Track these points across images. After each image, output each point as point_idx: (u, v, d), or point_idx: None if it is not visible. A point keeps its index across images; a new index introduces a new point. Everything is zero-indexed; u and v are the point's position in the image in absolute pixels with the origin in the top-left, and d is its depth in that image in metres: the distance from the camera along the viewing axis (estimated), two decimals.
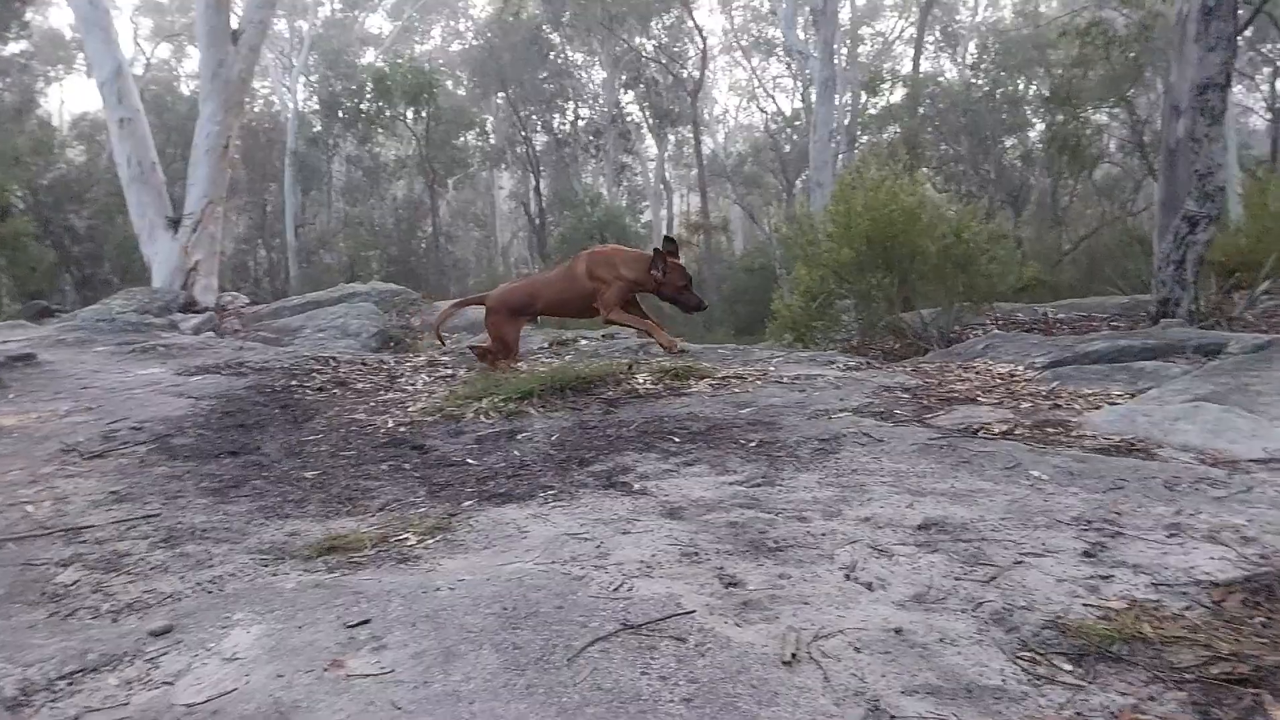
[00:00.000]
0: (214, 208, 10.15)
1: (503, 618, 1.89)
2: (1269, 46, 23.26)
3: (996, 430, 3.30)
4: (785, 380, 4.36)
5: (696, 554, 2.26)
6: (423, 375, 5.02)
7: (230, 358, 5.63)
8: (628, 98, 31.45)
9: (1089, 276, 16.75)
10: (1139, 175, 23.20)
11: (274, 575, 2.28)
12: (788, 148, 31.14)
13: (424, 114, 24.15)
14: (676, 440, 3.36)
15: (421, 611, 1.92)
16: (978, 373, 4.50)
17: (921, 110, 26.25)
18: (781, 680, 1.64)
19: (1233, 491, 2.54)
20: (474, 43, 32.45)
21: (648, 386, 4.13)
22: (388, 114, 24.73)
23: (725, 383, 4.24)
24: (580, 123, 31.54)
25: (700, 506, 2.63)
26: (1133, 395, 3.57)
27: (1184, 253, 5.61)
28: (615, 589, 2.05)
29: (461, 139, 29.38)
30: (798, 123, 30.22)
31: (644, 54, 28.78)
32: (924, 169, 25.63)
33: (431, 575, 2.17)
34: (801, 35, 21.43)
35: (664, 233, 31.96)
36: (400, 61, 25.27)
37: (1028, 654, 1.71)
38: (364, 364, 5.44)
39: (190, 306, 9.59)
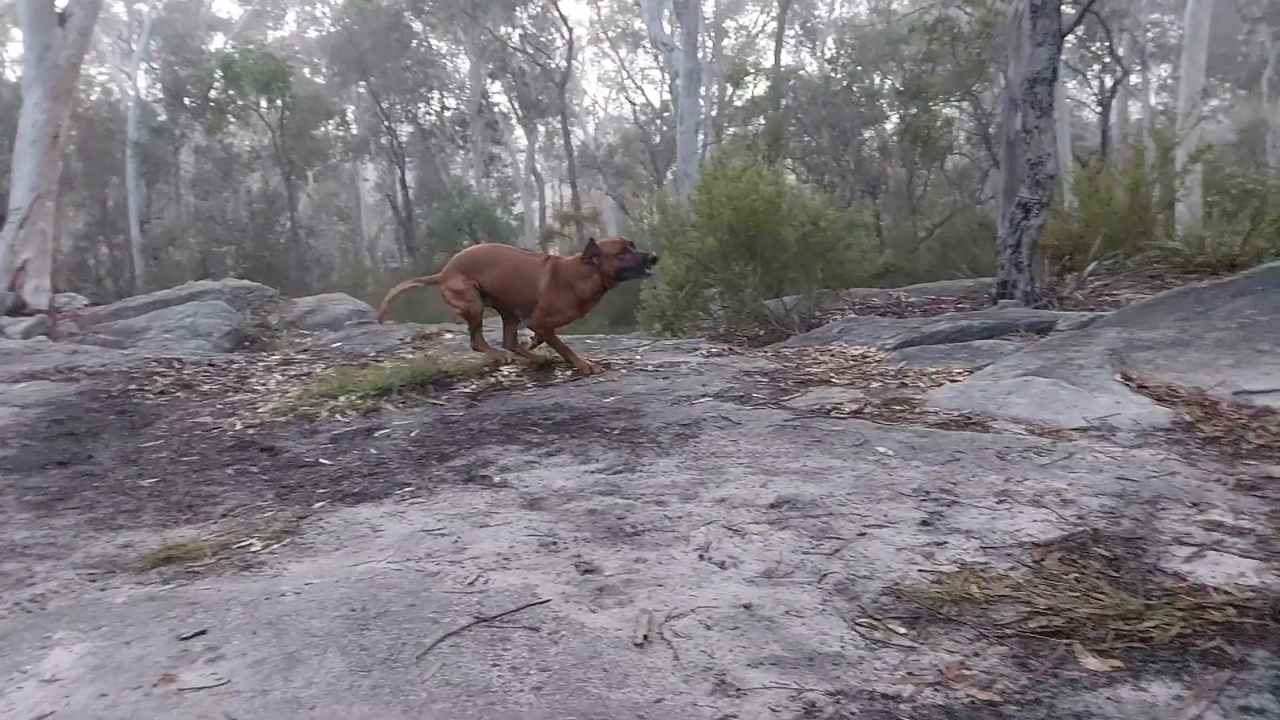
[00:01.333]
0: (43, 202, 9.39)
1: (350, 620, 1.83)
2: (1097, 45, 25.07)
3: (847, 410, 3.44)
4: (650, 368, 4.40)
5: (555, 543, 2.26)
6: (276, 375, 4.82)
7: (62, 362, 5.24)
8: (495, 88, 31.02)
9: (942, 262, 17.63)
10: (985, 165, 24.57)
11: (102, 590, 2.14)
12: (657, 139, 31.44)
13: (279, 103, 23.06)
14: (540, 431, 3.35)
15: (263, 619, 1.84)
16: (833, 355, 4.67)
17: (785, 103, 26.97)
18: (633, 662, 1.65)
19: (1056, 459, 2.72)
20: (332, 29, 31.22)
21: (512, 379, 4.08)
22: (239, 103, 23.47)
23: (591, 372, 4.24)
24: (446, 113, 30.88)
25: (561, 496, 2.63)
26: (971, 372, 3.78)
27: (1019, 237, 5.99)
28: (471, 583, 2.02)
29: (321, 129, 28.25)
30: (666, 114, 30.56)
31: (509, 44, 28.42)
32: (788, 160, 26.46)
33: (276, 581, 2.08)
34: (667, 28, 21.65)
35: (537, 224, 31.94)
36: (251, 48, 24.01)
37: (866, 620, 1.79)
38: (212, 365, 5.16)
39: (19, 309, 8.87)
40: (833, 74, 27.71)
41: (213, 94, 23.28)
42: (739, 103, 27.97)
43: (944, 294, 8.03)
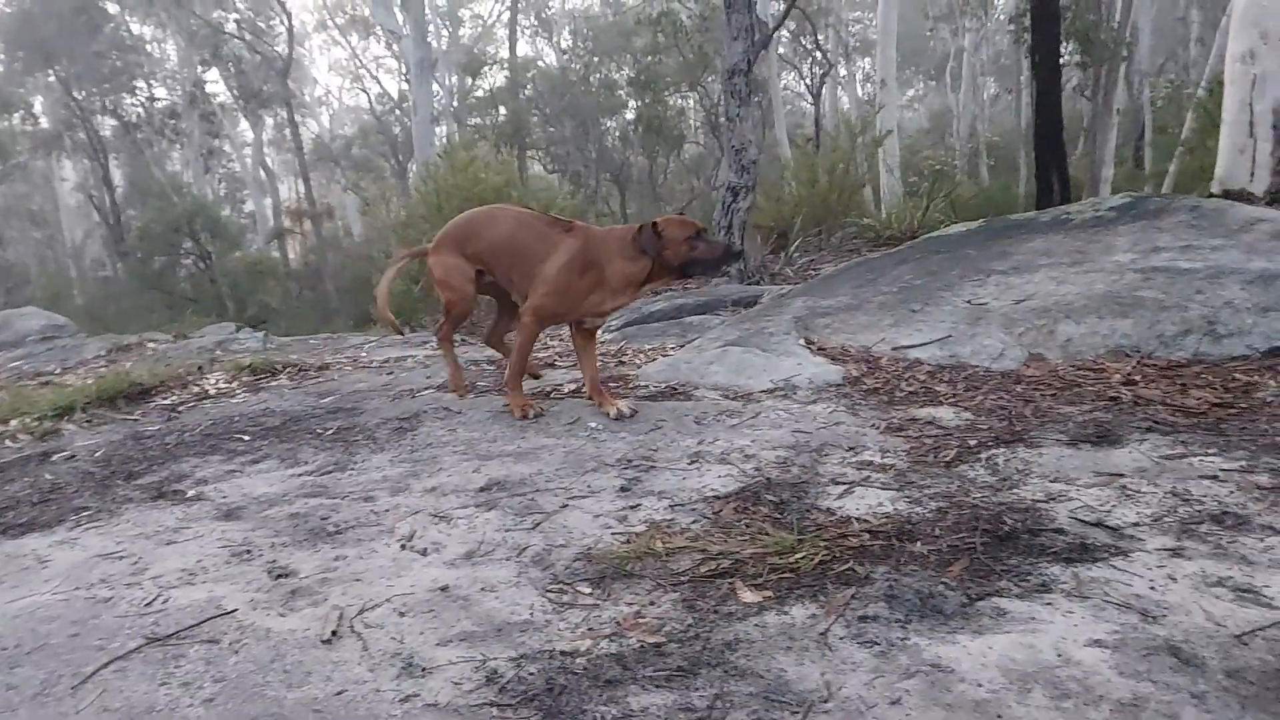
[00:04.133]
0: None
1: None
2: (807, 39, 27.29)
3: (566, 390, 3.55)
4: (374, 365, 4.30)
5: (249, 552, 2.17)
6: None
7: None
8: (211, 76, 28.61)
9: None
10: (718, 154, 26.13)
11: None
12: (398, 130, 30.45)
13: None
14: (246, 439, 3.18)
15: None
16: (562, 340, 4.79)
17: (525, 93, 27.07)
18: (318, 659, 1.63)
19: (744, 420, 2.98)
20: (5, 9, 27.37)
21: (220, 386, 3.84)
22: None
23: (308, 373, 4.07)
24: (157, 104, 28.10)
25: (262, 503, 2.52)
26: (681, 346, 4.03)
27: (730, 219, 6.44)
28: (148, 603, 1.90)
29: (3, 122, 24.77)
30: (405, 104, 29.64)
31: (223, 30, 26.28)
32: (533, 151, 26.61)
33: None
34: (399, 16, 20.99)
35: (270, 222, 29.84)
36: None
37: (557, 587, 1.88)
38: None
39: None
40: (570, 65, 28.17)
41: None
42: (479, 93, 27.72)
43: None
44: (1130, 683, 1.40)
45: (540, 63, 30.12)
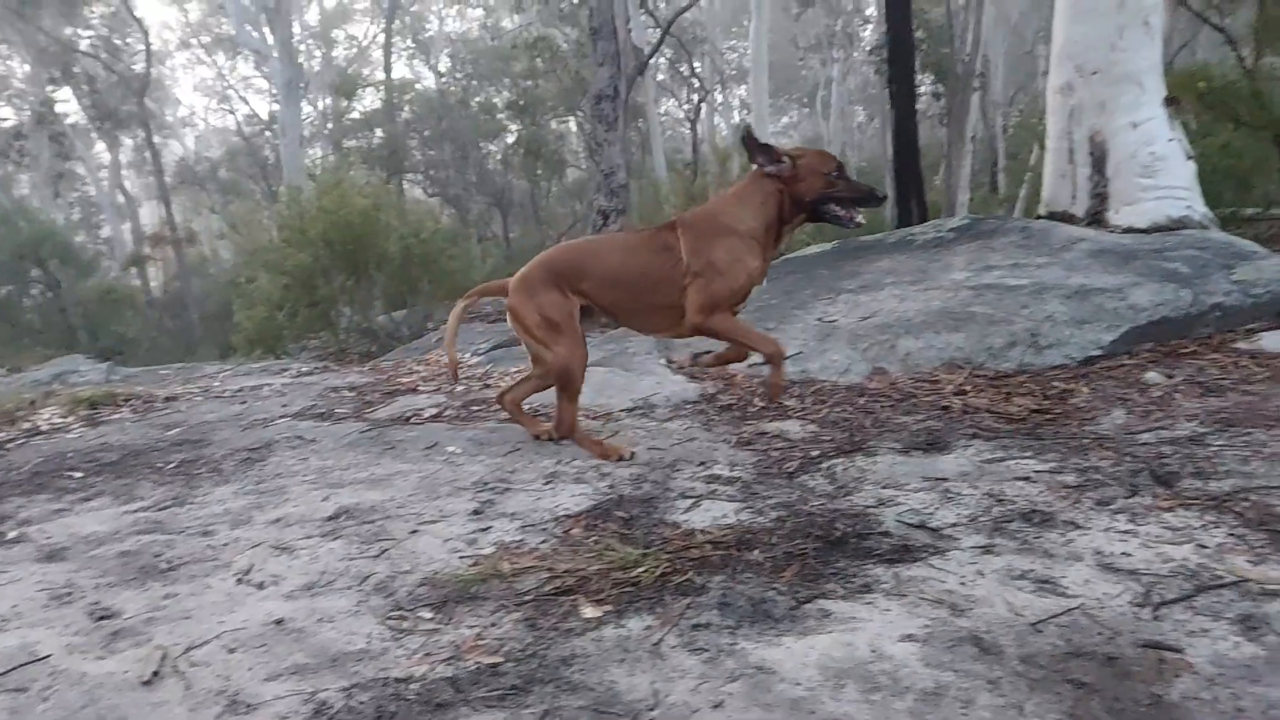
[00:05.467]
0: None
1: None
2: (685, 67, 27.94)
3: (427, 415, 3.51)
4: (228, 395, 4.14)
5: (70, 593, 2.05)
6: None
7: None
8: (62, 95, 26.97)
9: None
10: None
11: None
12: (268, 152, 29.45)
13: None
14: (79, 475, 3.00)
15: None
16: (428, 365, 4.73)
17: (403, 116, 26.66)
18: (136, 701, 1.56)
19: (603, 437, 3.01)
20: None
21: (54, 421, 3.62)
22: None
23: (154, 405, 3.89)
24: (0, 124, 26.29)
25: (90, 542, 2.39)
26: None
27: None
28: None
29: None
30: (275, 126, 28.71)
31: (76, 48, 24.87)
32: (411, 174, 26.19)
33: None
34: (268, 35, 20.37)
35: (129, 248, 28.24)
36: None
37: (398, 614, 1.86)
38: None
39: None
40: (448, 88, 27.93)
41: None
42: (354, 116, 27.13)
43: None
44: (934, 673, 1.49)
45: (418, 85, 29.73)
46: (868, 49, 24.32)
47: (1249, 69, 8.37)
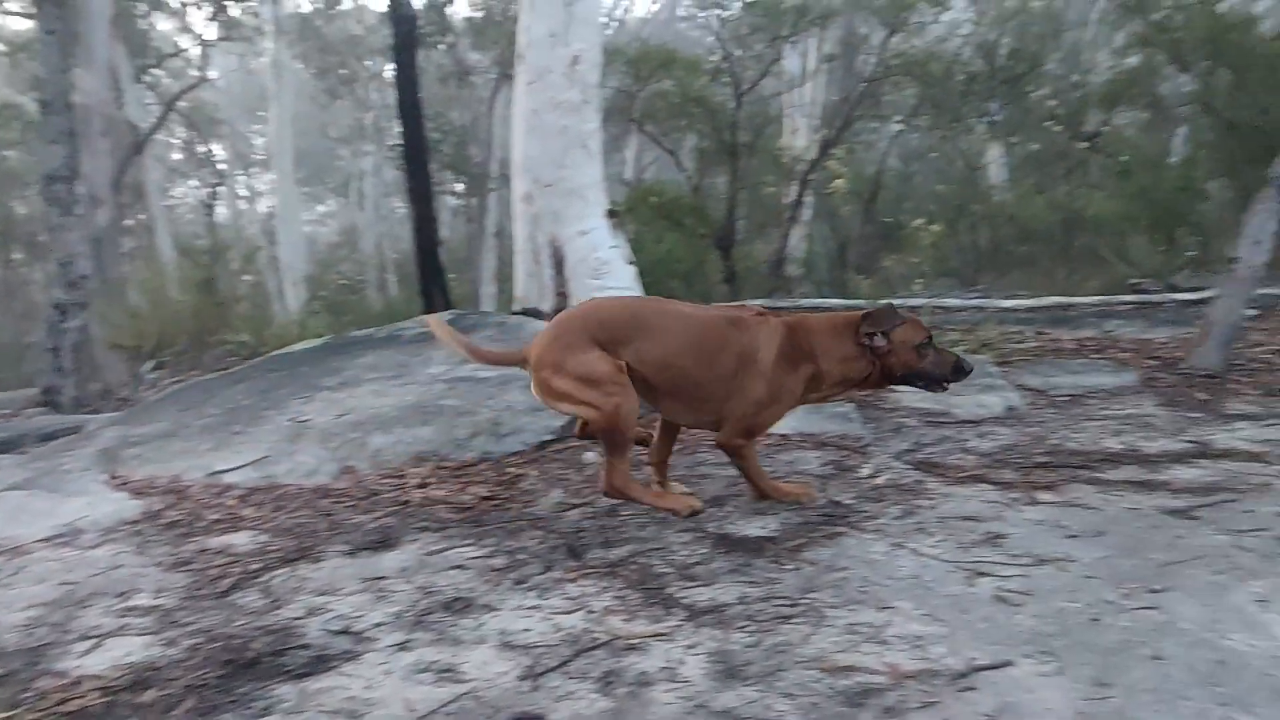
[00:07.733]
0: None
1: None
2: (203, 148, 25.83)
3: None
4: None
5: None
6: None
7: None
8: None
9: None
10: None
11: None
12: None
13: None
14: None
15: None
16: None
17: None
18: None
19: (3, 576, 2.55)
20: None
21: None
22: None
23: None
24: None
25: None
26: None
27: (59, 341, 5.64)
28: None
29: None
30: None
31: None
32: None
33: None
34: None
35: None
36: None
37: None
38: None
39: None
40: None
41: None
42: None
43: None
44: None
45: None
46: (390, 145, 24.74)
47: (695, 186, 10.15)
